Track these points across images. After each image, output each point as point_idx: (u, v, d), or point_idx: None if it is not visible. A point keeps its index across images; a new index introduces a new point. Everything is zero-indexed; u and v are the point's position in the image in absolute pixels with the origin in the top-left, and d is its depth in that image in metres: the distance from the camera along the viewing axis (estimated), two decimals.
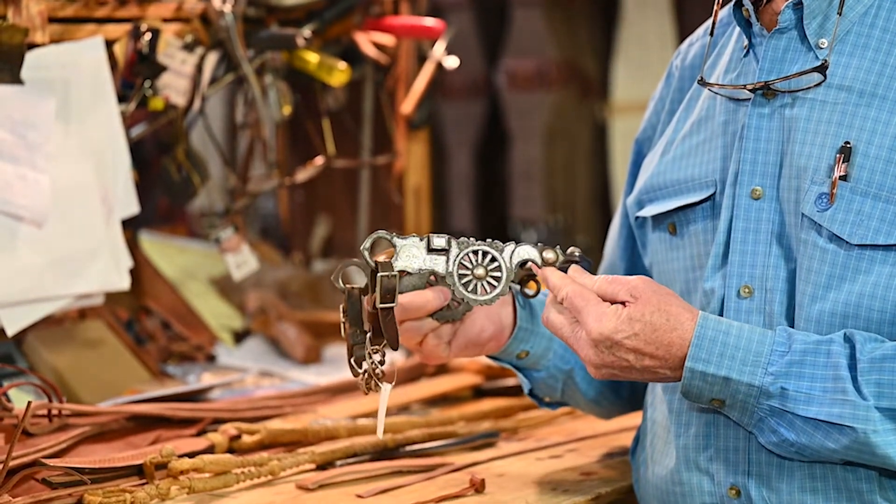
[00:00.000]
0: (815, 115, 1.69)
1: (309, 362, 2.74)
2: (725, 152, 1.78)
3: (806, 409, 1.61)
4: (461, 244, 1.70)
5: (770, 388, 1.62)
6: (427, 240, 1.69)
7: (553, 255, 1.74)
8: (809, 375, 1.61)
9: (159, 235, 3.20)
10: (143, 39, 2.35)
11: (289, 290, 3.06)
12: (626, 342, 1.63)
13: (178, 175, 2.51)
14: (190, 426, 2.14)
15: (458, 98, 4.02)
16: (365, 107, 3.05)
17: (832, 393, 1.60)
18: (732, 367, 1.62)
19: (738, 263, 1.74)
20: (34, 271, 2.21)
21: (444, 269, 1.69)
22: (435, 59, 2.95)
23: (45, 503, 1.78)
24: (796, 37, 1.73)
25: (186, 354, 2.70)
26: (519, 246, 1.72)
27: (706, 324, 1.64)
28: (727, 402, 1.65)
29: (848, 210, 1.65)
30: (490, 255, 1.70)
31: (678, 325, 1.64)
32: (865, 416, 1.58)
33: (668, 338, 1.63)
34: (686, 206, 1.82)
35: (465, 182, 4.06)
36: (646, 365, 1.65)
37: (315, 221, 3.31)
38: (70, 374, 2.38)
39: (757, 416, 1.64)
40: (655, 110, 1.99)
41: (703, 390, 1.64)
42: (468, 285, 1.70)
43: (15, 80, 2.19)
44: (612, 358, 1.65)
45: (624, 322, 1.63)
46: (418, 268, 1.68)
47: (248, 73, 2.52)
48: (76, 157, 2.27)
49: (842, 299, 1.65)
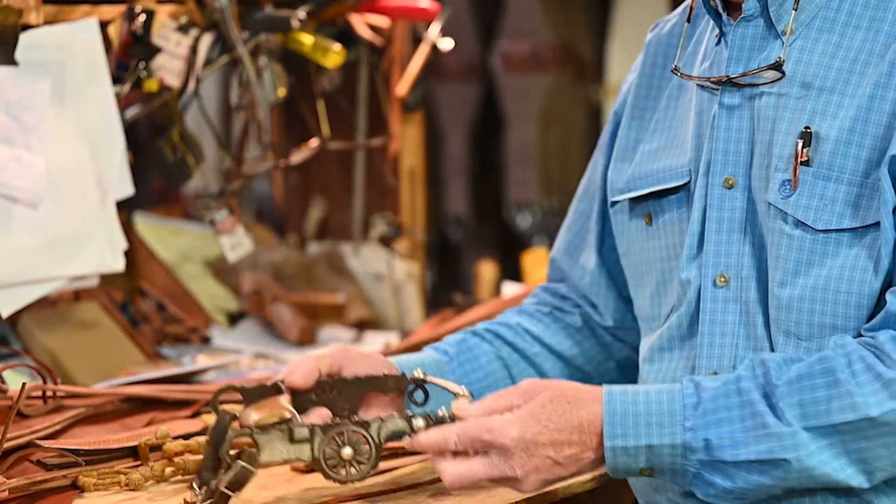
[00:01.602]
0: (781, 103, 1.69)
1: (303, 344, 2.75)
2: (699, 142, 1.77)
3: (734, 453, 1.57)
4: (325, 428, 1.65)
5: (692, 442, 1.58)
6: (289, 431, 1.64)
7: (423, 422, 1.67)
8: (727, 419, 1.58)
9: (154, 217, 3.20)
10: (138, 21, 2.34)
11: (283, 271, 3.07)
12: (538, 438, 1.59)
13: (173, 157, 2.51)
14: (184, 408, 2.14)
15: (454, 80, 4.02)
16: (360, 89, 3.04)
17: (754, 430, 1.57)
18: (651, 434, 1.59)
19: (713, 253, 1.73)
20: (29, 253, 2.21)
21: (309, 456, 1.64)
22: (430, 40, 2.95)
23: (40, 484, 1.78)
24: (763, 24, 1.73)
25: (181, 336, 2.70)
26: (386, 421, 1.67)
27: (612, 399, 1.60)
28: (656, 468, 1.61)
29: (811, 195, 1.64)
30: (356, 435, 1.65)
31: (583, 404, 1.60)
32: (793, 444, 1.55)
33: (576, 418, 1.60)
34: (660, 193, 1.81)
35: (460, 164, 4.06)
36: (567, 455, 1.61)
37: (310, 203, 3.31)
38: (65, 355, 2.38)
39: (689, 473, 1.61)
40: (628, 84, 1.96)
41: (630, 464, 1.61)
42: (336, 468, 1.65)
43: (9, 61, 2.18)
44: (534, 462, 1.60)
45: (528, 420, 1.59)
46: (283, 459, 1.65)
47: (242, 55, 2.52)
48: (71, 139, 2.27)
49: (810, 284, 1.64)
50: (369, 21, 2.86)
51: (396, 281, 3.05)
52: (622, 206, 1.89)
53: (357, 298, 3.02)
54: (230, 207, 2.64)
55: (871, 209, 1.62)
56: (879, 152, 1.62)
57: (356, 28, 2.82)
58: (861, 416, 1.54)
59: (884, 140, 1.62)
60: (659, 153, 1.84)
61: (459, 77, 4.01)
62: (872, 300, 1.62)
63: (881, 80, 1.64)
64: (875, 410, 1.54)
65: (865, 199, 1.62)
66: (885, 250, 1.60)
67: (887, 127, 1.62)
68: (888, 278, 1.62)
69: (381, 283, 3.07)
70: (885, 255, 1.60)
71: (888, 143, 1.62)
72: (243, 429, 1.65)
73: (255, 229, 3.20)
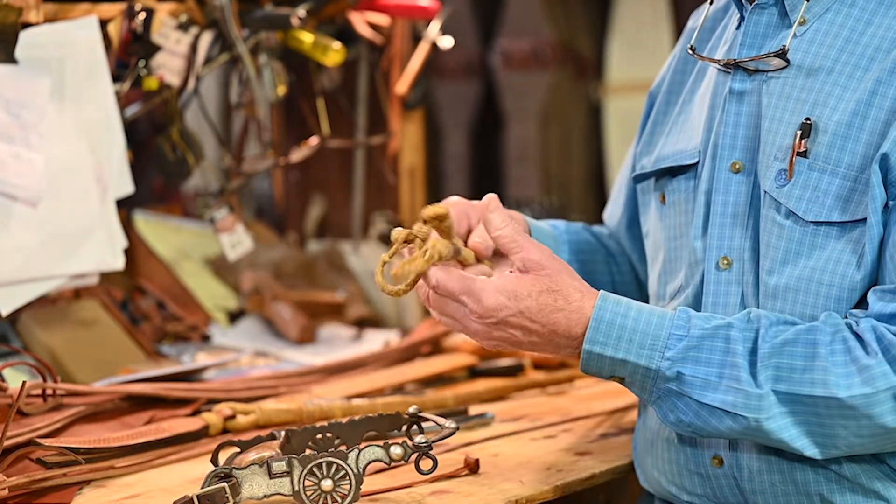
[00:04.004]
0: (785, 92, 1.70)
1: (303, 342, 2.75)
2: (710, 124, 1.80)
3: (702, 394, 1.62)
4: (303, 461, 1.65)
5: (666, 371, 1.63)
6: (267, 466, 1.65)
7: (401, 450, 1.70)
8: (706, 360, 1.62)
9: (154, 215, 3.20)
10: (138, 19, 2.34)
11: (283, 270, 3.06)
12: (510, 319, 1.64)
13: (173, 155, 2.51)
14: (184, 406, 2.14)
15: (453, 78, 4.01)
16: (359, 87, 3.04)
17: (727, 380, 1.61)
18: (630, 350, 1.64)
19: (717, 236, 1.75)
20: (28, 251, 2.21)
21: (290, 489, 1.65)
22: (430, 39, 2.95)
23: (40, 482, 1.78)
24: (776, 13, 1.74)
25: (181, 334, 2.70)
26: (364, 449, 1.68)
27: (604, 305, 1.65)
28: (626, 379, 1.67)
29: (805, 186, 1.66)
30: (335, 465, 1.66)
31: (566, 305, 1.64)
32: (758, 406, 1.60)
33: (554, 320, 1.64)
34: (673, 172, 1.84)
35: (459, 162, 4.05)
36: (531, 341, 1.67)
37: (310, 201, 3.31)
38: (65, 353, 2.38)
39: (655, 394, 1.66)
40: (668, 65, 2.00)
41: (602, 370, 1.66)
42: (318, 500, 1.66)
43: (9, 59, 2.18)
44: (499, 333, 1.66)
45: (509, 299, 1.64)
46: (263, 494, 1.66)
47: (242, 53, 2.52)
48: (71, 137, 2.27)
49: (796, 274, 1.67)
50: (369, 19, 2.86)
51: None
52: (646, 185, 1.93)
53: (357, 297, 3.02)
54: (230, 205, 2.64)
55: (861, 204, 1.63)
56: (874, 148, 1.63)
57: (356, 26, 2.81)
58: (830, 394, 1.58)
59: (880, 136, 1.63)
60: (680, 134, 1.86)
61: (459, 75, 4.00)
62: (853, 294, 1.64)
63: (883, 77, 1.65)
64: (844, 392, 1.57)
65: (857, 193, 1.64)
66: (869, 246, 1.62)
67: (885, 123, 1.63)
68: (871, 273, 1.63)
69: None
70: (868, 251, 1.62)
71: (883, 140, 1.62)
72: (222, 468, 1.66)
73: (254, 227, 3.20)
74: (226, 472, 1.65)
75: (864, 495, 1.68)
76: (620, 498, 2.11)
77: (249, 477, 1.65)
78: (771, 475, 1.70)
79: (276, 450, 1.82)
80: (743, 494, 1.74)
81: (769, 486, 1.71)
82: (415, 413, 1.90)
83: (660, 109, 1.95)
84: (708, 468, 1.76)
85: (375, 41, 2.90)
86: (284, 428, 1.89)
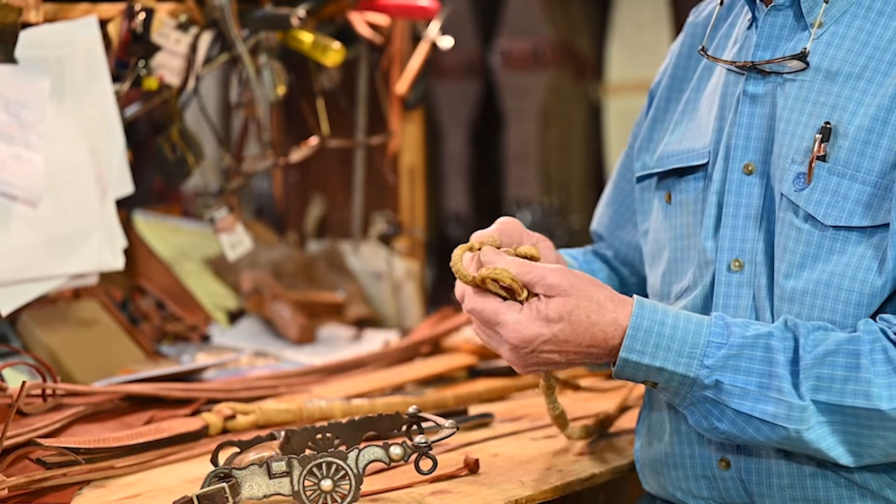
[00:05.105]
0: (802, 95, 1.69)
1: (303, 342, 2.75)
2: (720, 124, 1.79)
3: (740, 403, 1.61)
4: (303, 461, 1.65)
5: (705, 380, 1.62)
6: (267, 466, 1.65)
7: (400, 450, 1.69)
8: (745, 370, 1.61)
9: (154, 215, 3.20)
10: (138, 19, 2.34)
11: (283, 270, 3.06)
12: (543, 347, 1.64)
13: (173, 155, 2.51)
14: (184, 406, 2.14)
15: (453, 78, 4.01)
16: (359, 87, 3.04)
17: (767, 390, 1.60)
18: (668, 359, 1.62)
19: (728, 238, 1.74)
20: (28, 251, 2.21)
21: (289, 489, 1.65)
22: (429, 39, 2.95)
23: (39, 482, 1.78)
24: (792, 15, 1.73)
25: (181, 334, 2.70)
26: (364, 449, 1.68)
27: (641, 312, 1.63)
28: (660, 385, 1.66)
29: (824, 191, 1.65)
30: (334, 466, 1.66)
31: (604, 317, 1.63)
32: (800, 417, 1.58)
33: (591, 334, 1.63)
34: (680, 172, 1.83)
35: (459, 162, 4.05)
36: (569, 359, 1.66)
37: (309, 201, 3.31)
38: (64, 353, 2.38)
39: (689, 400, 1.65)
40: (668, 61, 1.99)
41: (636, 375, 1.65)
42: (318, 500, 1.66)
43: (9, 59, 2.18)
44: (535, 359, 1.66)
45: (542, 326, 1.63)
46: (263, 495, 1.66)
47: (242, 53, 2.51)
48: (70, 137, 2.27)
49: (814, 278, 1.65)
50: (369, 19, 2.86)
51: (396, 279, 3.04)
52: (648, 183, 1.91)
53: (356, 297, 3.02)
54: (230, 205, 2.64)
55: (882, 209, 1.62)
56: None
57: (356, 26, 2.81)
58: (872, 405, 1.56)
59: None
60: (685, 133, 1.85)
61: (459, 75, 4.00)
62: (873, 299, 1.63)
63: None
64: (886, 404, 1.56)
65: (878, 199, 1.62)
66: (891, 252, 1.61)
67: None
68: (893, 279, 1.62)
69: (380, 282, 3.07)
70: (890, 256, 1.61)
71: None
72: (222, 469, 1.66)
73: (254, 227, 3.20)
74: (225, 472, 1.65)
75: (873, 501, 1.67)
76: (620, 498, 2.11)
77: (249, 477, 1.65)
78: (780, 479, 1.70)
79: (276, 450, 1.82)
80: (750, 497, 1.74)
81: (777, 489, 1.70)
82: (414, 413, 1.90)
83: (659, 106, 1.94)
84: (715, 470, 1.76)
85: (375, 41, 2.90)
86: (284, 428, 1.89)
